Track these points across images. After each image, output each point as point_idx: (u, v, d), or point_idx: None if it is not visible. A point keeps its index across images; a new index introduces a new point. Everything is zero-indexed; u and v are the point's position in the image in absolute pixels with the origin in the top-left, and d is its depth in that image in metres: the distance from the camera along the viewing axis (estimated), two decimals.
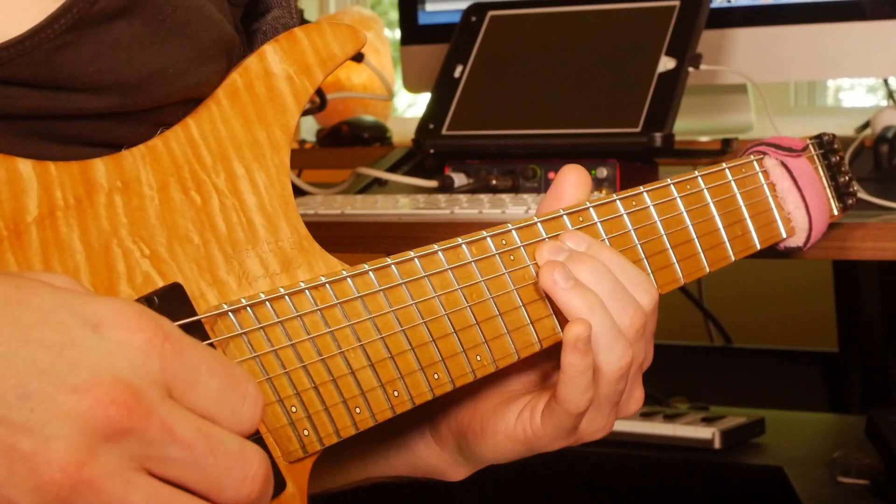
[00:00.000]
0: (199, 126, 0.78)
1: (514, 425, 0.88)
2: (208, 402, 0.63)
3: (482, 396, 0.92)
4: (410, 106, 3.05)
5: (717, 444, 1.63)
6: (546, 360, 0.92)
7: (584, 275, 0.84)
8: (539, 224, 0.88)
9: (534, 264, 0.86)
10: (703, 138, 1.79)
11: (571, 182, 0.90)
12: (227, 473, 0.62)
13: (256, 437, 0.74)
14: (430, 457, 0.95)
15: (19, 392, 0.58)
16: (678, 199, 0.96)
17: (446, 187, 1.54)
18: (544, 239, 0.86)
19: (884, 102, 2.39)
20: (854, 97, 2.71)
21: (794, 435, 1.74)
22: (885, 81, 1.89)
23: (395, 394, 0.79)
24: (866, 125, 1.75)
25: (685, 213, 0.96)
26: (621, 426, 1.68)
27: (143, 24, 0.77)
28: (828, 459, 1.59)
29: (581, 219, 0.90)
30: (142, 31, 0.77)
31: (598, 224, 0.90)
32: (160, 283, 0.73)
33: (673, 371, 2.17)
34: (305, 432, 0.76)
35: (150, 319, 0.61)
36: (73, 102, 0.75)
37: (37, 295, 0.61)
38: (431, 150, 1.57)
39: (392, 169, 1.73)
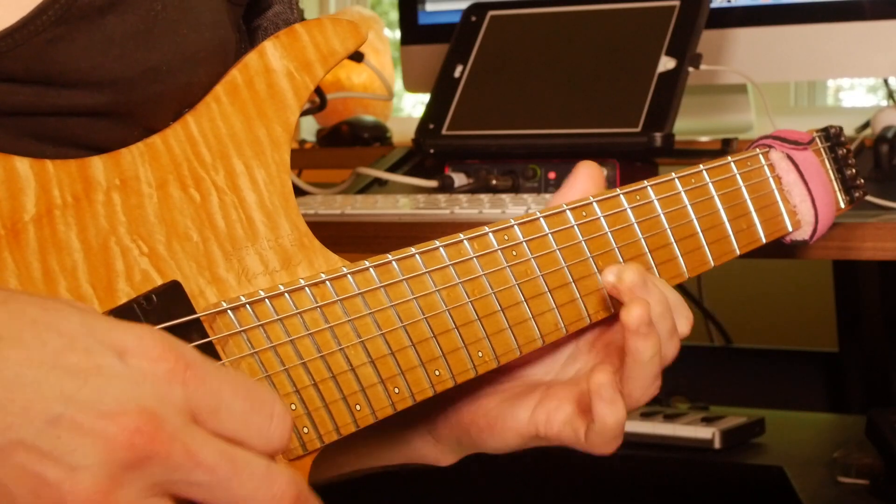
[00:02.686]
0: (198, 123, 0.78)
1: (527, 424, 0.88)
2: (234, 425, 0.63)
3: (484, 392, 0.92)
4: (416, 105, 3.05)
5: (717, 444, 1.63)
6: (550, 354, 0.92)
7: (654, 311, 0.85)
8: (542, 219, 0.87)
9: (551, 252, 0.87)
10: (703, 138, 1.79)
11: (584, 176, 0.91)
12: (254, 495, 0.63)
13: None
14: (425, 448, 0.95)
15: (47, 417, 0.59)
16: (682, 193, 0.95)
17: (446, 187, 1.54)
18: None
19: (884, 102, 2.39)
20: (854, 97, 2.71)
21: (794, 435, 1.74)
22: (885, 81, 1.89)
23: (396, 390, 0.79)
24: (866, 125, 1.75)
25: (689, 207, 0.96)
26: None
27: (136, 21, 0.77)
28: (828, 459, 1.58)
29: (584, 213, 0.89)
30: (134, 27, 0.77)
31: (602, 219, 0.90)
32: (159, 281, 0.73)
33: (673, 371, 2.16)
34: (305, 430, 0.75)
35: (173, 348, 0.62)
36: (67, 99, 0.75)
37: (64, 319, 0.61)
38: (431, 150, 1.57)
39: (392, 169, 1.73)
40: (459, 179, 1.54)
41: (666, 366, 0.87)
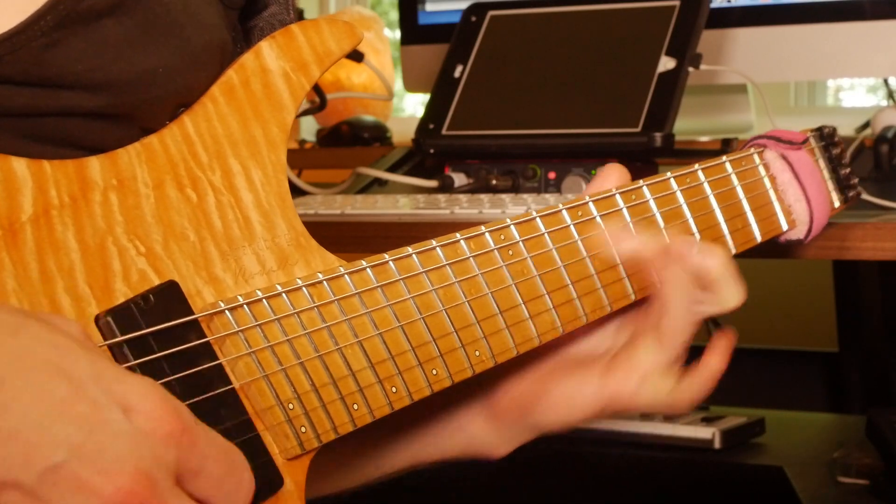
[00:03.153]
0: (194, 123, 0.78)
1: (598, 391, 0.90)
2: (209, 487, 0.66)
3: (547, 367, 0.93)
4: (418, 105, 3.05)
5: (717, 444, 1.63)
6: (598, 328, 0.95)
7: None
8: (538, 219, 0.87)
9: (548, 252, 0.87)
10: (703, 138, 1.79)
11: (612, 179, 0.93)
12: None
13: (253, 435, 0.74)
14: (481, 434, 0.96)
15: (48, 464, 0.60)
16: (678, 193, 0.96)
17: (446, 187, 1.54)
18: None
19: (884, 102, 2.38)
20: (854, 97, 2.71)
21: (794, 435, 1.74)
22: (885, 81, 1.89)
23: (394, 390, 0.79)
24: (866, 125, 1.75)
25: (685, 207, 0.96)
26: (621, 426, 1.68)
27: (134, 24, 0.77)
28: (828, 459, 1.58)
29: (580, 213, 0.89)
30: (132, 30, 0.77)
31: (598, 218, 0.90)
32: (156, 281, 0.73)
33: None
34: (303, 429, 0.76)
35: (174, 410, 0.64)
36: (64, 101, 0.75)
37: (74, 363, 0.62)
38: (431, 150, 1.57)
39: (392, 169, 1.73)
40: (459, 179, 1.54)
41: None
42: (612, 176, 0.93)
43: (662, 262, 0.87)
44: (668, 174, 0.96)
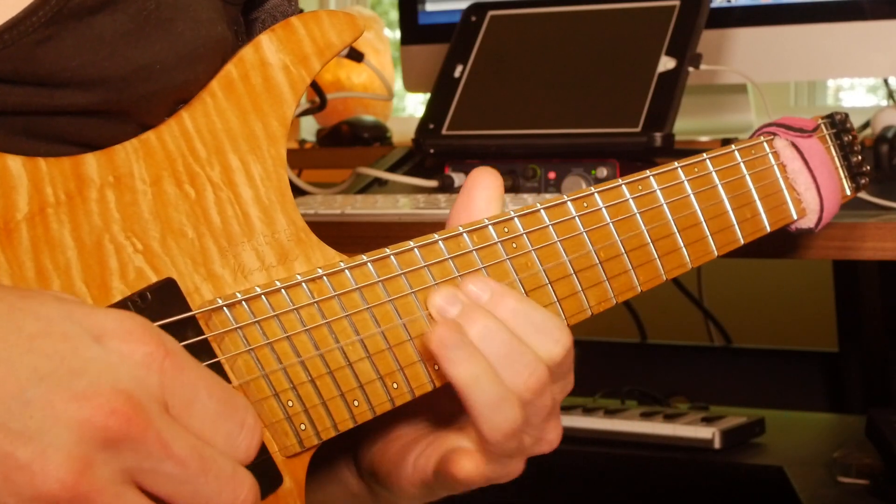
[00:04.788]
0: (193, 118, 0.78)
1: (413, 471, 0.82)
2: (204, 423, 0.63)
3: (392, 436, 0.86)
4: (419, 105, 3.05)
5: (717, 444, 1.63)
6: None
7: (474, 333, 0.76)
8: (542, 211, 0.86)
9: (553, 244, 0.84)
10: (703, 138, 1.79)
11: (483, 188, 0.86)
12: (218, 495, 0.62)
13: None
14: (355, 487, 0.90)
15: (20, 398, 0.58)
16: (685, 182, 0.94)
17: (446, 187, 1.54)
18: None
19: (884, 102, 2.38)
20: (854, 97, 2.71)
21: (794, 435, 1.74)
22: (885, 81, 1.89)
23: (395, 386, 0.78)
24: (866, 125, 1.75)
25: (693, 196, 0.94)
26: (621, 426, 1.68)
27: (127, 19, 0.76)
28: (828, 459, 1.58)
29: (585, 204, 0.88)
30: (125, 26, 0.76)
31: (604, 209, 0.89)
32: (154, 279, 0.73)
33: (673, 371, 2.17)
34: (302, 426, 0.75)
35: (153, 334, 0.62)
36: (58, 98, 0.74)
37: (42, 305, 0.61)
38: (431, 150, 1.57)
39: (392, 169, 1.73)
40: (459, 179, 1.54)
41: (538, 393, 0.78)
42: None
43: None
44: (676, 163, 0.94)
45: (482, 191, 0.85)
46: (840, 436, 1.74)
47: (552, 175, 1.51)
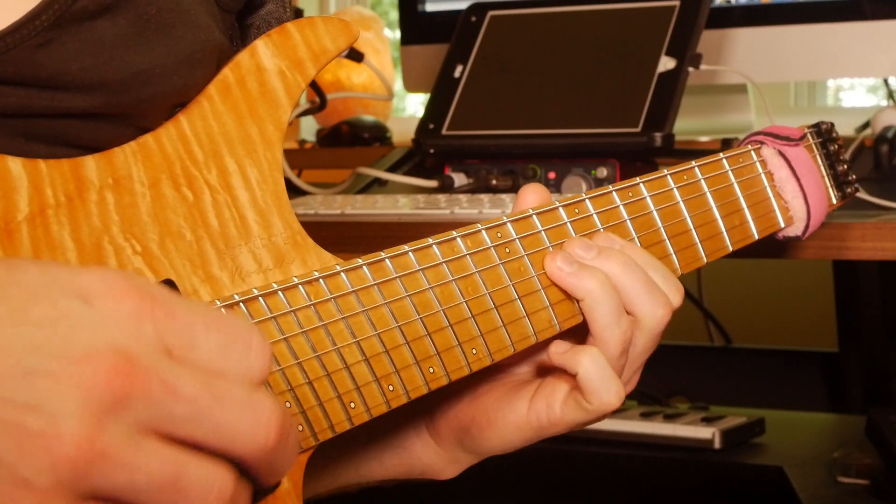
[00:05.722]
0: (190, 122, 0.78)
1: (528, 414, 0.89)
2: (211, 357, 0.61)
3: (483, 389, 0.92)
4: (419, 105, 3.05)
5: (717, 444, 1.63)
6: (540, 351, 0.93)
7: (615, 269, 0.87)
8: (535, 217, 0.87)
9: (544, 250, 0.87)
10: (703, 138, 1.79)
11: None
12: (238, 422, 0.61)
13: None
14: (426, 455, 0.95)
15: (19, 371, 0.57)
16: (675, 190, 0.96)
17: (446, 187, 1.54)
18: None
19: (884, 102, 2.39)
20: (854, 97, 2.71)
21: (794, 435, 1.74)
22: (885, 81, 1.89)
23: (391, 388, 0.79)
24: (866, 125, 1.75)
25: (682, 204, 0.96)
26: (621, 426, 1.68)
27: (127, 24, 0.77)
28: (828, 459, 1.58)
29: (577, 210, 0.89)
30: (126, 30, 0.77)
31: (595, 215, 0.90)
32: (153, 280, 0.73)
33: (673, 371, 2.17)
34: (300, 428, 0.75)
35: (136, 286, 0.60)
36: (58, 101, 0.75)
37: (24, 273, 0.60)
38: (431, 150, 1.57)
39: (392, 169, 1.73)
40: (459, 179, 1.54)
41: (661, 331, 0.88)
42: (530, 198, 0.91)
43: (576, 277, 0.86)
44: (665, 171, 0.96)
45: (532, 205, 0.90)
46: (840, 436, 1.74)
47: (552, 175, 1.51)
